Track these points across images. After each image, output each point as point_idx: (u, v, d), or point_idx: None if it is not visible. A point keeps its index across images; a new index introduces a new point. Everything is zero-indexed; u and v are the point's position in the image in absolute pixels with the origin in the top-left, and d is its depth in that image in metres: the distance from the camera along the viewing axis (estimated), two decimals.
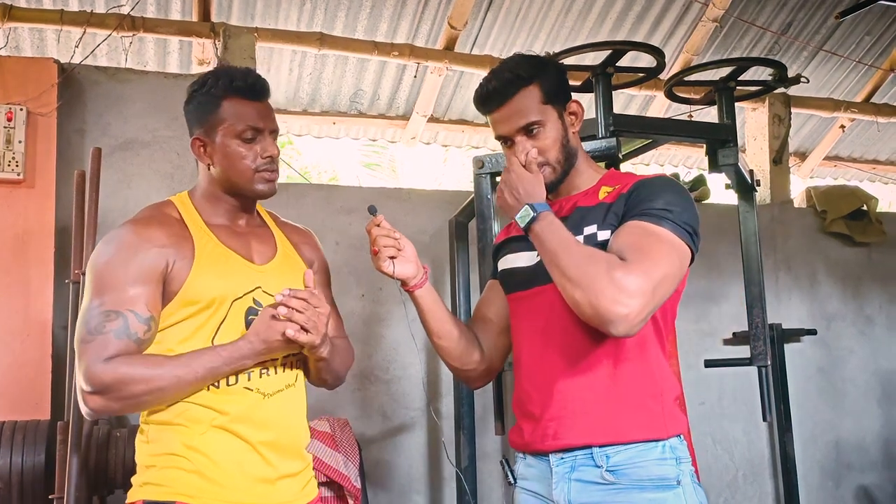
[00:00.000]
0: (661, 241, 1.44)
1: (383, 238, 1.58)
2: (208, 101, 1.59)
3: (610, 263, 1.40)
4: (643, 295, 1.38)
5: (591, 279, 1.39)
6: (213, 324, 1.51)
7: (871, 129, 5.11)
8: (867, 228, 4.33)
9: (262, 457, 1.51)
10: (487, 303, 1.76)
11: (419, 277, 1.62)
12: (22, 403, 2.63)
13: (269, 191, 1.60)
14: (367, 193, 3.73)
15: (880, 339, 4.32)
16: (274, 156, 1.59)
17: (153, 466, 1.49)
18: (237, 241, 1.60)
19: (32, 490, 2.41)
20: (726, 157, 2.66)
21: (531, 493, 1.59)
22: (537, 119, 1.58)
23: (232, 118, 1.57)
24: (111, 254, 1.51)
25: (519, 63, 1.61)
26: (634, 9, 4.10)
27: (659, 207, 1.47)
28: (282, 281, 1.59)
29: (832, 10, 4.23)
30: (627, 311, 1.37)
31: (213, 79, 1.60)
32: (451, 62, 3.98)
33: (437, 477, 3.42)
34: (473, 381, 1.78)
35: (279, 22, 3.77)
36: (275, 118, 1.64)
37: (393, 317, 3.40)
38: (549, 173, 1.59)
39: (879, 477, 4.21)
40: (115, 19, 3.33)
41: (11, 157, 2.88)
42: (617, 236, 1.47)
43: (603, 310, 1.38)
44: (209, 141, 1.59)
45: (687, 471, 1.49)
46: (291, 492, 1.57)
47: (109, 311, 1.45)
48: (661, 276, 1.41)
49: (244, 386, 1.51)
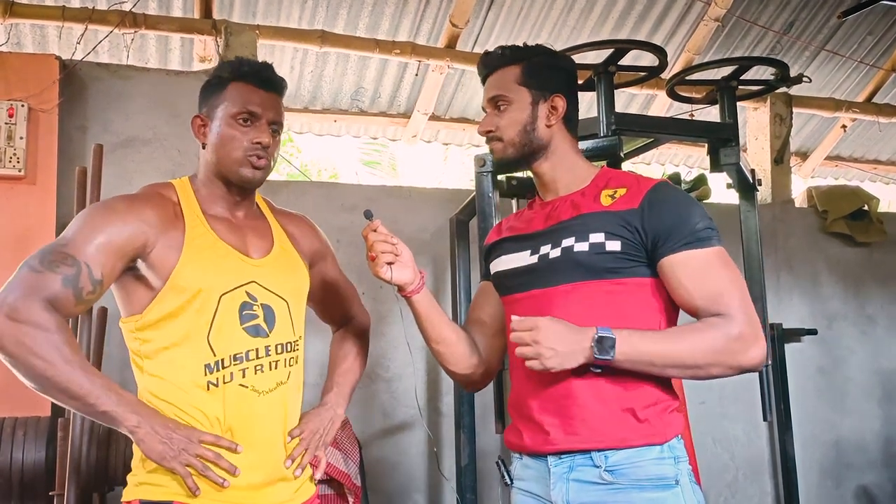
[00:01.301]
0: (722, 266, 1.49)
1: (380, 244, 1.55)
2: (217, 82, 1.59)
3: (716, 327, 1.45)
4: (755, 326, 1.46)
5: (716, 354, 1.44)
6: (205, 320, 1.48)
7: (872, 129, 5.11)
8: (868, 228, 4.33)
9: (258, 457, 1.49)
10: (481, 305, 1.75)
11: (416, 282, 1.60)
12: (22, 400, 2.61)
13: (254, 178, 1.56)
14: (369, 191, 3.73)
15: (881, 339, 4.33)
16: (264, 143, 1.54)
17: (149, 466, 1.47)
18: (234, 235, 1.57)
19: (33, 486, 2.41)
20: (728, 156, 2.67)
21: (528, 494, 1.57)
22: (505, 94, 1.61)
23: (232, 99, 1.56)
24: (96, 213, 1.51)
25: (515, 46, 1.66)
26: (636, 8, 4.10)
27: (699, 228, 1.49)
28: (279, 275, 1.57)
29: (834, 9, 4.22)
30: (760, 350, 1.45)
31: (227, 64, 1.63)
32: (452, 60, 3.98)
33: (437, 475, 3.43)
34: (472, 384, 1.76)
35: (281, 19, 3.77)
36: (280, 112, 1.60)
37: (394, 315, 3.39)
38: (500, 149, 1.63)
39: (879, 477, 4.21)
40: (116, 16, 3.33)
41: (13, 153, 2.88)
42: (685, 279, 1.48)
43: (747, 367, 1.46)
44: (208, 120, 1.58)
45: (685, 470, 1.49)
46: (288, 491, 1.55)
47: (69, 255, 1.42)
48: (745, 294, 1.48)
49: (239, 384, 1.48)
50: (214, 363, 1.47)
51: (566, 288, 1.52)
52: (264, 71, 1.60)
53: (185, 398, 1.47)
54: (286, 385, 1.56)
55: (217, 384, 1.47)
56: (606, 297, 1.50)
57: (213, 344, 1.48)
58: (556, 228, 1.58)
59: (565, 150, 1.64)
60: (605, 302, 1.50)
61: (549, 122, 1.62)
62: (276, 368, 1.54)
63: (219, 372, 1.47)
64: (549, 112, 1.62)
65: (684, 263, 1.48)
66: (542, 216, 1.63)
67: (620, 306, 1.50)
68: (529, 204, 1.73)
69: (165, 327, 1.48)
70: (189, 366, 1.47)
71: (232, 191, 1.59)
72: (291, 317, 1.58)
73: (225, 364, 1.48)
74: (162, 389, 1.48)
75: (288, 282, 1.60)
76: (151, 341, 1.49)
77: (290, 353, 1.57)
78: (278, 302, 1.56)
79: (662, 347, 1.44)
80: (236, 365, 1.49)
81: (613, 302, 1.50)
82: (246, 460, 1.48)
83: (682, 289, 1.48)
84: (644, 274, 1.51)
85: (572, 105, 1.65)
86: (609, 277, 1.50)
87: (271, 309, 1.55)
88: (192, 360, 1.47)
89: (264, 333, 1.52)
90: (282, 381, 1.55)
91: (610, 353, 1.41)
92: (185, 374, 1.47)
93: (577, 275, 1.51)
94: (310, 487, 1.62)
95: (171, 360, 1.48)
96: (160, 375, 1.48)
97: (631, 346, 1.42)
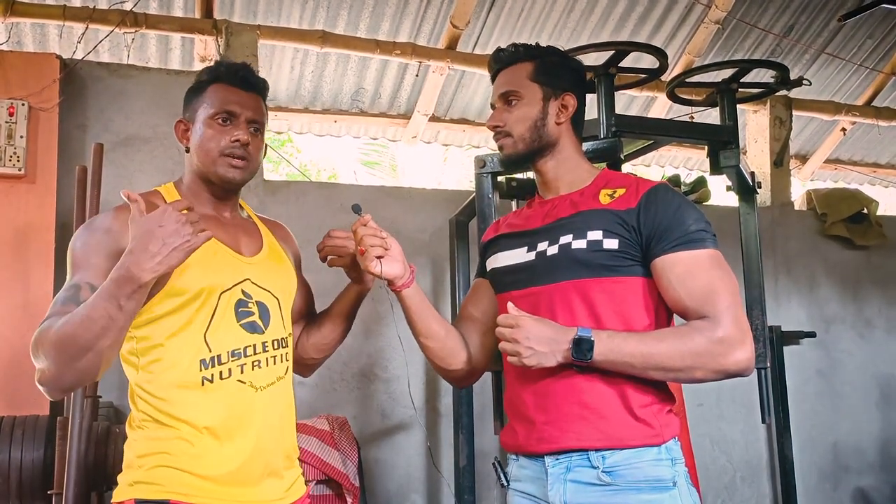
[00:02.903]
0: (712, 267, 1.48)
1: (370, 237, 1.55)
2: (197, 86, 1.61)
3: (699, 329, 1.44)
4: (741, 329, 1.44)
5: (697, 357, 1.43)
6: (204, 317, 1.48)
7: (871, 132, 5.12)
8: (867, 231, 4.34)
9: (255, 452, 1.49)
10: (474, 301, 1.74)
11: (406, 277, 1.60)
12: (21, 399, 2.63)
13: (234, 177, 1.56)
14: (369, 192, 3.73)
15: (879, 342, 4.33)
16: (242, 140, 1.54)
17: (143, 465, 1.46)
18: (224, 233, 1.57)
19: (31, 485, 2.41)
20: (727, 158, 2.67)
21: (525, 495, 1.57)
22: (516, 90, 1.62)
23: (211, 101, 1.57)
24: (88, 236, 1.50)
25: (528, 44, 1.67)
26: (637, 10, 4.10)
27: (692, 230, 1.49)
28: (270, 273, 1.59)
29: (834, 13, 4.23)
30: (745, 354, 1.43)
31: (207, 68, 1.65)
32: (452, 61, 3.98)
33: (436, 476, 3.43)
34: (458, 381, 1.76)
35: (281, 19, 3.77)
36: (261, 111, 1.61)
37: (393, 315, 3.39)
38: (509, 144, 1.63)
39: (877, 479, 4.22)
40: (117, 15, 3.33)
41: (13, 151, 2.88)
42: (675, 279, 1.47)
43: (732, 371, 1.44)
44: (190, 124, 1.59)
45: (682, 472, 1.49)
46: (282, 488, 1.55)
47: (71, 286, 1.43)
48: (734, 297, 1.47)
49: (237, 379, 1.49)
50: (210, 359, 1.47)
51: (564, 285, 1.52)
52: (241, 71, 1.61)
53: (177, 395, 1.46)
54: (284, 380, 1.57)
55: (212, 380, 1.47)
56: (603, 295, 1.51)
57: (209, 341, 1.48)
58: (554, 226, 1.58)
59: (570, 150, 1.65)
60: (601, 300, 1.50)
61: (559, 119, 1.63)
62: (275, 364, 1.55)
63: (215, 368, 1.47)
64: (560, 110, 1.63)
65: (675, 263, 1.48)
66: (540, 214, 1.64)
67: (617, 304, 1.50)
68: (529, 202, 1.74)
69: (162, 325, 1.48)
70: (183, 362, 1.47)
71: (216, 192, 1.59)
72: (282, 314, 1.60)
73: (222, 360, 1.48)
74: (154, 386, 1.47)
75: (279, 280, 1.62)
76: (147, 339, 1.48)
77: (284, 349, 1.58)
78: (271, 299, 1.58)
79: (642, 349, 1.43)
80: (234, 361, 1.49)
81: (610, 300, 1.51)
82: (242, 456, 1.48)
83: (672, 289, 1.48)
84: (640, 273, 1.51)
85: (581, 105, 1.67)
86: (606, 275, 1.51)
87: (265, 306, 1.56)
88: (187, 356, 1.47)
89: (260, 330, 1.54)
90: (280, 377, 1.56)
91: (587, 355, 1.43)
92: (179, 370, 1.47)
93: (574, 272, 1.52)
94: (301, 486, 1.62)
95: (164, 357, 1.47)
96: (153, 372, 1.48)
97: (609, 347, 1.43)
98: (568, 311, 1.50)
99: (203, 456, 1.45)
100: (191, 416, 1.46)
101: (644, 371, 1.45)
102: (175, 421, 1.46)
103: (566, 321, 1.49)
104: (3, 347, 2.74)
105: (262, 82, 1.64)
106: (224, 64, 1.64)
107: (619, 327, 1.48)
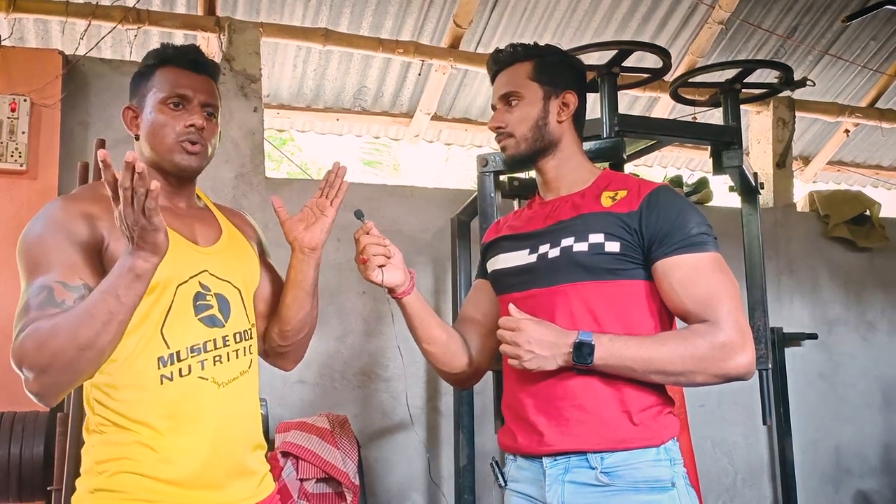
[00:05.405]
0: (713, 270, 1.48)
1: (373, 246, 1.55)
2: (145, 70, 1.54)
3: (700, 334, 1.43)
4: (742, 333, 1.44)
5: (698, 361, 1.43)
6: (160, 311, 1.41)
7: (875, 134, 5.11)
8: (870, 233, 4.33)
9: (221, 452, 1.44)
10: (475, 303, 1.74)
11: (407, 284, 1.60)
12: (21, 394, 2.61)
13: (189, 164, 1.49)
14: (371, 190, 3.73)
15: (882, 344, 4.32)
16: (197, 125, 1.47)
17: (104, 471, 1.39)
18: (179, 223, 1.49)
19: (31, 481, 2.41)
20: (730, 159, 2.66)
21: (523, 496, 1.57)
22: (516, 90, 1.62)
23: (160, 85, 1.50)
24: (40, 230, 1.40)
25: (526, 44, 1.66)
26: (640, 10, 4.09)
27: (694, 233, 1.48)
28: (230, 263, 1.53)
29: (838, 14, 4.22)
30: (746, 358, 1.43)
31: (153, 51, 1.56)
32: (455, 60, 3.97)
33: (436, 475, 3.42)
34: (460, 383, 1.77)
35: (284, 17, 3.77)
36: (214, 95, 1.54)
37: (394, 314, 3.40)
38: (512, 145, 1.62)
39: (879, 483, 4.21)
40: (120, 11, 3.33)
41: (14, 147, 2.88)
42: (676, 282, 1.47)
43: (733, 375, 1.44)
44: (139, 110, 1.53)
45: (681, 473, 1.49)
46: (252, 485, 1.51)
47: (44, 286, 1.33)
48: (735, 301, 1.46)
49: (198, 376, 1.43)
50: (168, 356, 1.41)
51: (565, 288, 1.52)
52: (191, 52, 1.54)
53: (135, 395, 1.40)
54: (248, 374, 1.51)
55: (172, 378, 1.41)
56: (604, 298, 1.50)
57: (166, 337, 1.42)
58: (555, 228, 1.57)
59: (572, 150, 1.65)
60: (603, 303, 1.50)
61: (561, 117, 1.62)
62: (237, 358, 1.49)
63: (174, 365, 1.41)
64: (561, 108, 1.62)
65: (677, 267, 1.48)
66: (541, 215, 1.63)
67: (618, 307, 1.50)
68: (529, 203, 1.73)
69: None
70: (140, 360, 1.40)
71: (170, 180, 1.52)
72: (244, 305, 1.55)
73: (181, 356, 1.42)
74: (111, 388, 1.40)
75: (239, 269, 1.56)
76: None
77: (247, 342, 1.53)
78: (231, 290, 1.52)
79: (643, 354, 1.43)
80: (194, 357, 1.43)
81: (611, 303, 1.50)
82: (206, 457, 1.42)
83: (673, 292, 1.48)
84: (642, 276, 1.51)
85: (582, 103, 1.66)
86: (608, 278, 1.50)
87: (225, 298, 1.50)
88: (144, 354, 1.40)
89: (220, 324, 1.48)
90: (243, 371, 1.50)
91: (588, 359, 1.43)
92: (136, 369, 1.40)
93: (575, 275, 1.51)
94: (270, 483, 1.57)
95: (119, 356, 1.38)
96: (110, 373, 1.39)
97: (610, 352, 1.43)
98: (568, 314, 1.50)
99: (165, 460, 1.39)
100: (150, 417, 1.39)
101: (645, 375, 1.45)
102: (134, 423, 1.39)
103: (566, 324, 1.48)
104: (4, 343, 2.73)
105: (214, 64, 1.57)
106: (172, 46, 1.55)
107: (619, 330, 1.47)
